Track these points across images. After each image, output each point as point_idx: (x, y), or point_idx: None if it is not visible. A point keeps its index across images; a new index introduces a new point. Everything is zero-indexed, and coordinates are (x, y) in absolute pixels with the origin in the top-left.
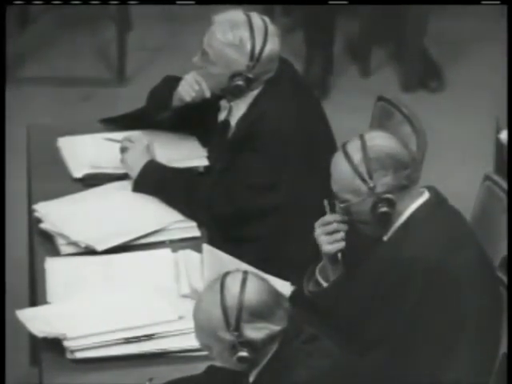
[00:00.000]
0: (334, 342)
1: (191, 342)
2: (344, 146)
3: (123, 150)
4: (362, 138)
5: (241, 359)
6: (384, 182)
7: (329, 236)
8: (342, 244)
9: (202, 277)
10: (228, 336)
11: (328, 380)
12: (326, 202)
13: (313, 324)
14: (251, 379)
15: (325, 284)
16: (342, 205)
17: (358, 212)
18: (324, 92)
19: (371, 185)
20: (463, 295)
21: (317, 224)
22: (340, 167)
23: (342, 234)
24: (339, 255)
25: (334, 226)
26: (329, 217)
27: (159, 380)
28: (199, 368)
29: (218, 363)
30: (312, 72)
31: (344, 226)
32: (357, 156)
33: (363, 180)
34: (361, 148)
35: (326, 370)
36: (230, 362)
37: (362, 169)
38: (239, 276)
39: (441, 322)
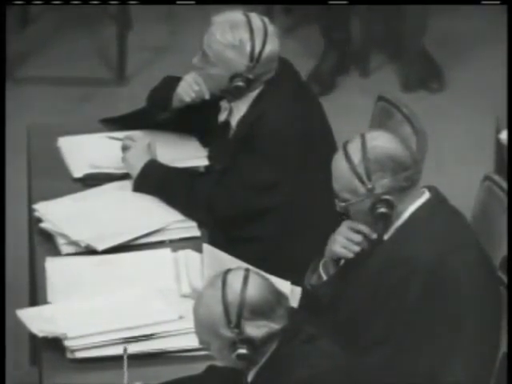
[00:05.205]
0: (334, 342)
1: (191, 342)
2: (345, 145)
3: (124, 148)
4: (363, 137)
5: (240, 357)
6: (382, 183)
7: (347, 241)
8: (350, 255)
9: (202, 277)
10: (228, 333)
11: (327, 380)
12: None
13: (313, 323)
14: (249, 378)
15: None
16: (341, 204)
17: (357, 212)
18: (327, 90)
19: (369, 186)
20: (463, 295)
21: (346, 223)
22: (340, 167)
23: (358, 249)
24: (342, 261)
25: (359, 239)
26: (363, 227)
27: (159, 380)
28: (199, 368)
29: (217, 363)
30: (322, 69)
31: (366, 244)
32: (356, 156)
33: (361, 181)
34: (361, 148)
35: (325, 369)
36: (228, 360)
37: (361, 170)
38: (241, 273)
39: (441, 322)
